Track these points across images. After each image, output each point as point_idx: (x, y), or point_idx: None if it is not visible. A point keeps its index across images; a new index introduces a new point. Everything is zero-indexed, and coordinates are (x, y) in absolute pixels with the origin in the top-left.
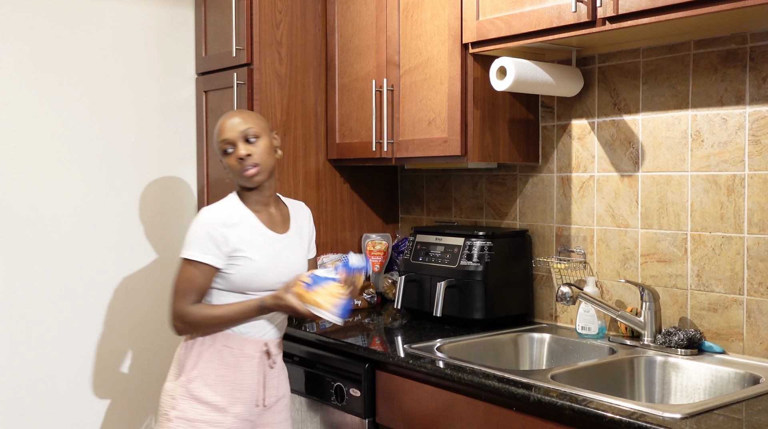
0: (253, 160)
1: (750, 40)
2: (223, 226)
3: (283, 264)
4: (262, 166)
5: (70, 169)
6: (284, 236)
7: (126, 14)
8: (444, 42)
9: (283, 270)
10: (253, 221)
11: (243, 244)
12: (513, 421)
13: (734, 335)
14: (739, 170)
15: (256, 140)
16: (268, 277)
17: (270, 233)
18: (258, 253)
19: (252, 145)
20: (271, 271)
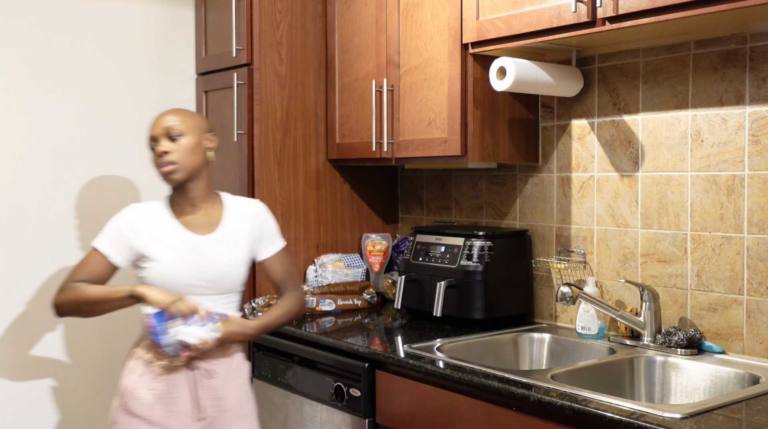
0: (169, 158)
1: (750, 40)
2: (136, 223)
3: (200, 267)
4: (179, 165)
5: (70, 169)
6: (206, 238)
7: (126, 14)
8: (444, 42)
9: (200, 273)
10: (169, 222)
11: (154, 244)
12: (513, 421)
13: (734, 335)
14: (739, 170)
15: (179, 138)
16: (180, 279)
17: (187, 234)
18: (167, 255)
19: (173, 142)
20: (183, 274)
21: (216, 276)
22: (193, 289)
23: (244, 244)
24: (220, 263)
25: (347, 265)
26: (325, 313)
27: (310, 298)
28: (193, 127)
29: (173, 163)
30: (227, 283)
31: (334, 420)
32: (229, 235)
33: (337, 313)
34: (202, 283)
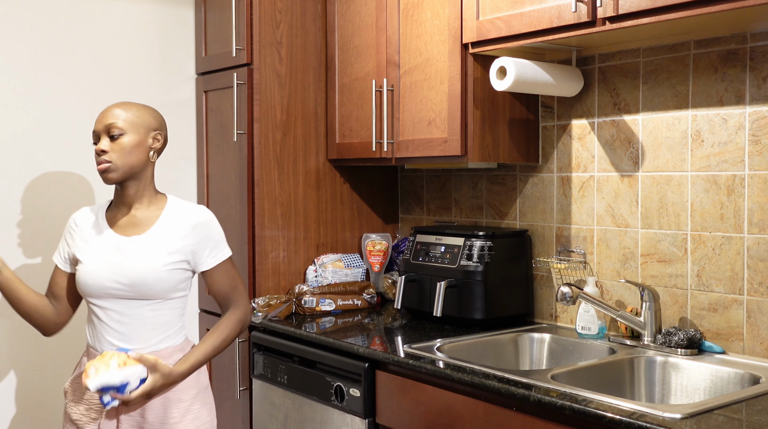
0: (105, 157)
1: (750, 40)
2: (75, 227)
3: (121, 269)
4: (113, 165)
5: (70, 169)
6: (132, 239)
7: (126, 14)
8: (444, 42)
9: (118, 275)
10: (100, 223)
11: (83, 245)
12: (513, 421)
13: (734, 335)
14: (739, 170)
15: (120, 137)
16: (99, 280)
17: (111, 234)
18: (89, 255)
19: (113, 141)
20: (102, 275)
21: (135, 279)
22: (113, 291)
23: (173, 251)
24: (138, 267)
25: (347, 265)
26: (325, 313)
27: (310, 298)
28: (137, 125)
29: (108, 162)
30: (148, 288)
31: (334, 420)
32: (156, 239)
33: (337, 313)
34: (120, 286)
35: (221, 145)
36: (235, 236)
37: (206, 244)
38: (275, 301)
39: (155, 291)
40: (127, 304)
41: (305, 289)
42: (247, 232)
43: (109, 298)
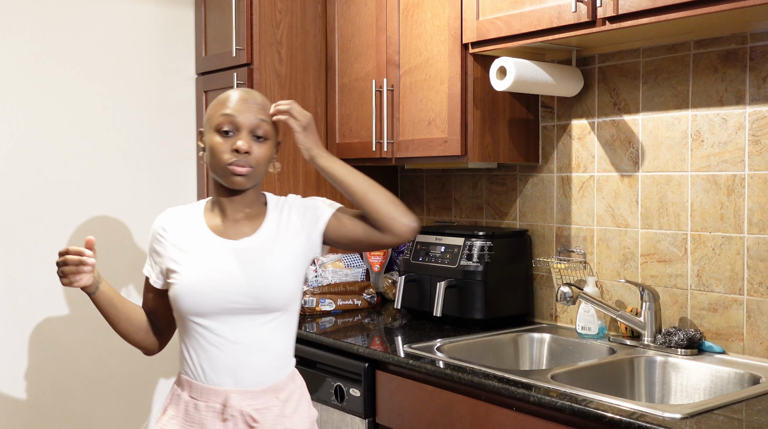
0: (249, 160)
1: (750, 40)
2: (161, 231)
3: (231, 279)
4: (254, 172)
5: (70, 169)
6: (241, 242)
7: (126, 14)
8: (444, 42)
9: (235, 287)
10: (196, 225)
11: (178, 253)
12: (513, 421)
13: (734, 335)
14: (739, 170)
15: (264, 141)
16: (212, 294)
17: (215, 239)
18: (190, 265)
19: (257, 143)
20: (210, 290)
21: (258, 288)
22: (230, 306)
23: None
24: (266, 273)
25: (347, 265)
26: (325, 313)
27: (310, 298)
28: (274, 133)
29: (250, 166)
30: (273, 297)
31: (334, 420)
32: (269, 239)
33: (337, 313)
34: (240, 298)
35: None
36: None
37: (312, 212)
38: None
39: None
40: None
41: (305, 289)
42: None
43: (223, 315)
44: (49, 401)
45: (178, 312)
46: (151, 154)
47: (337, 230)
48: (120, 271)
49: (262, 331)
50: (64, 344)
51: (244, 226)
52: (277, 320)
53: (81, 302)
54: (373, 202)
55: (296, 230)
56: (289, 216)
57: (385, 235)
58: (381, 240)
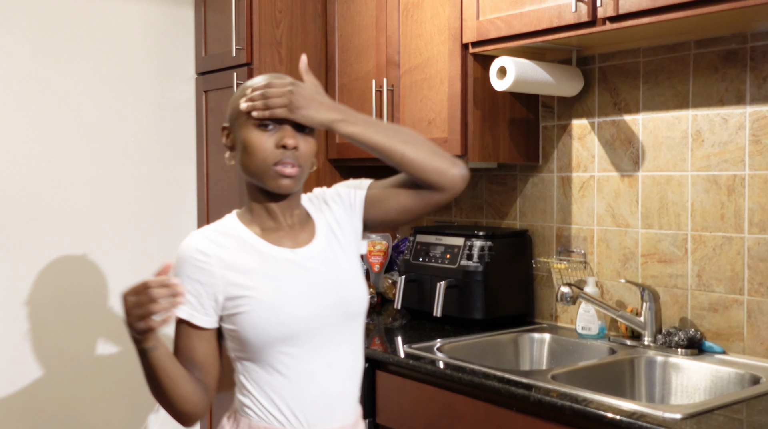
0: (298, 157)
1: (750, 40)
2: (202, 256)
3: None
4: (302, 172)
5: (69, 169)
6: (309, 249)
7: (126, 14)
8: (444, 42)
9: (323, 298)
10: (247, 239)
11: (241, 275)
12: (513, 421)
13: (734, 335)
14: (739, 170)
15: (309, 134)
16: (295, 316)
17: (281, 250)
18: (263, 283)
19: (303, 137)
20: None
21: (344, 294)
22: (321, 322)
23: (349, 238)
24: (341, 276)
25: None
26: None
27: None
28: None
29: (300, 166)
30: (358, 301)
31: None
32: (328, 240)
33: None
34: (329, 310)
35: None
36: None
37: (344, 201)
38: None
39: (361, 303)
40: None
41: None
42: None
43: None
44: (49, 401)
45: (254, 346)
46: (151, 154)
47: (378, 207)
48: (120, 269)
49: (350, 346)
50: (64, 344)
51: (301, 232)
52: (358, 331)
53: (81, 302)
54: (415, 160)
55: (343, 223)
56: (330, 210)
57: (435, 193)
58: (432, 200)
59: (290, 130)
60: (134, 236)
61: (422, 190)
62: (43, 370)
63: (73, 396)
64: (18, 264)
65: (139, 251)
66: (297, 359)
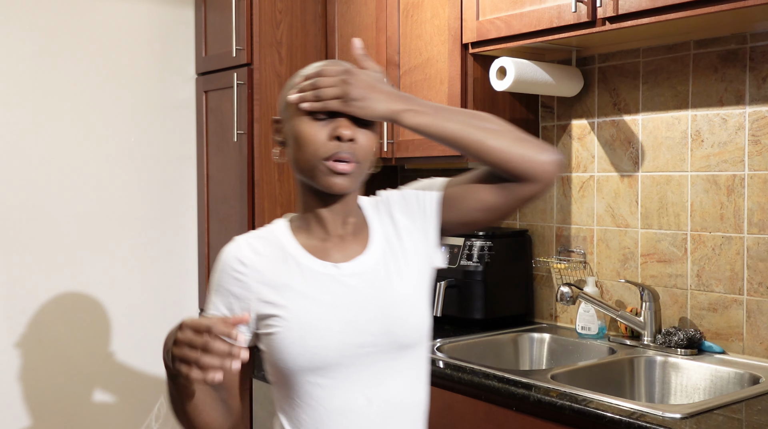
0: (355, 152)
1: (750, 40)
2: (240, 266)
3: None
4: (360, 168)
5: (70, 169)
6: (355, 264)
7: (126, 14)
8: (444, 42)
9: (364, 324)
10: (291, 250)
11: (274, 292)
12: (513, 421)
13: (734, 335)
14: (739, 170)
15: (370, 128)
16: (327, 344)
17: (324, 265)
18: (296, 303)
19: (361, 129)
20: (332, 332)
21: (391, 320)
22: (359, 351)
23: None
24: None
25: None
26: None
27: None
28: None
29: (358, 162)
30: (410, 329)
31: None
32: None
33: None
34: (370, 337)
35: (221, 145)
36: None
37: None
38: None
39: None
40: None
41: None
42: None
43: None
44: (49, 401)
45: (282, 373)
46: (151, 154)
47: (457, 207)
48: (120, 269)
49: (399, 379)
50: (64, 344)
51: (352, 244)
52: (413, 362)
53: (81, 303)
54: (496, 149)
55: (409, 233)
56: (392, 217)
57: (525, 185)
58: (521, 193)
59: (346, 121)
60: (134, 236)
61: (509, 183)
62: (43, 370)
63: (73, 396)
64: (18, 264)
65: (139, 251)
66: (329, 392)
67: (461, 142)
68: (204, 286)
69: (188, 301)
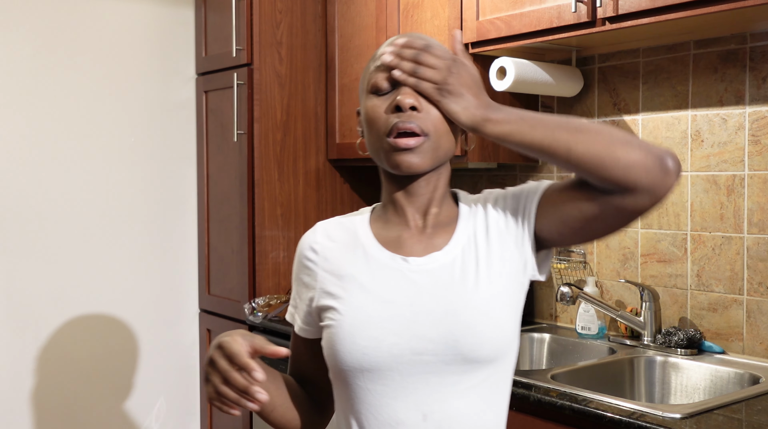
0: (421, 122)
1: (750, 40)
2: (312, 254)
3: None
4: (429, 142)
5: (70, 169)
6: (427, 260)
7: (126, 14)
8: (444, 42)
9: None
10: (363, 239)
11: (336, 283)
12: (513, 421)
13: (734, 335)
14: (738, 170)
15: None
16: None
17: (391, 257)
18: (352, 297)
19: (430, 102)
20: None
21: (456, 328)
22: (413, 358)
23: (501, 259)
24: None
25: None
26: None
27: None
28: None
29: (423, 133)
30: (479, 342)
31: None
32: (471, 252)
33: None
34: (428, 344)
35: (221, 145)
36: (235, 236)
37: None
38: (275, 301)
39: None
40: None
41: None
42: (247, 232)
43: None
44: (49, 401)
45: (333, 372)
46: (151, 154)
47: (554, 214)
48: (120, 269)
49: (464, 399)
50: (65, 344)
51: (433, 238)
52: (486, 381)
53: (81, 302)
54: (586, 155)
55: (500, 235)
56: (486, 216)
57: (628, 196)
58: (625, 205)
59: (409, 89)
60: (134, 236)
61: (611, 194)
62: (43, 370)
63: (73, 396)
64: (18, 264)
65: (139, 251)
66: (380, 399)
67: (548, 151)
68: (204, 285)
69: (188, 301)
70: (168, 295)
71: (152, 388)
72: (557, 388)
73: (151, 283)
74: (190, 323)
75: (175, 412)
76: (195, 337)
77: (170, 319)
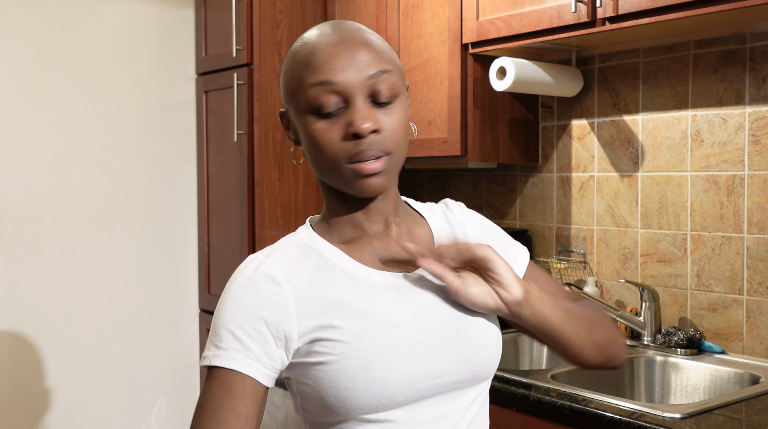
0: (382, 142)
1: (750, 40)
2: (274, 286)
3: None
4: (393, 155)
5: (70, 169)
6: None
7: (126, 14)
8: (444, 42)
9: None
10: (335, 259)
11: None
12: (513, 421)
13: (734, 335)
14: (738, 170)
15: (392, 102)
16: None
17: (385, 276)
18: (356, 327)
19: (384, 109)
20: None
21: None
22: (433, 383)
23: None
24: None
25: None
26: None
27: None
28: (400, 74)
29: (388, 152)
30: (489, 357)
31: None
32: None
33: None
34: (447, 366)
35: (221, 145)
36: (235, 236)
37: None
38: None
39: (495, 359)
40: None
41: None
42: (247, 232)
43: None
44: (49, 401)
45: (334, 411)
46: (151, 154)
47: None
48: (120, 270)
49: (467, 418)
50: (65, 344)
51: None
52: (480, 396)
53: (81, 302)
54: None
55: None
56: (464, 229)
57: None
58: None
59: (364, 106)
60: (134, 236)
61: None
62: (43, 370)
63: (73, 396)
64: (18, 264)
65: (139, 251)
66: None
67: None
68: (204, 285)
69: (188, 301)
70: (168, 295)
71: (152, 388)
72: (557, 388)
73: (151, 282)
74: (190, 323)
75: (175, 412)
76: (195, 337)
77: (170, 319)
